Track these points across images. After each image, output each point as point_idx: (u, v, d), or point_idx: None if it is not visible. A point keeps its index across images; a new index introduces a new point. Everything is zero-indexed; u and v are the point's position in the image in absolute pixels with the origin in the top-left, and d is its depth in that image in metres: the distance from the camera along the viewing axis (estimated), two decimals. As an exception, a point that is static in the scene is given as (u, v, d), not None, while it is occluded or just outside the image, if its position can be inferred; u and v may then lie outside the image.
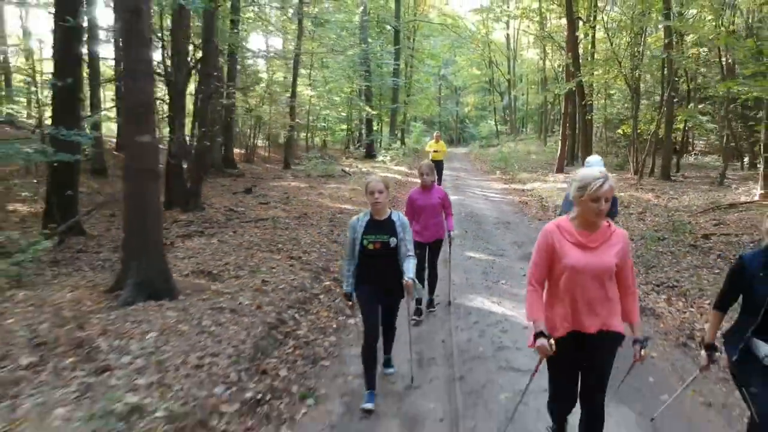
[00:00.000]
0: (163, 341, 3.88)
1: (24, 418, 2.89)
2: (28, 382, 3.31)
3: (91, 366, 3.51)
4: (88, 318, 4.14)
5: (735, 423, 3.40)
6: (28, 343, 3.75)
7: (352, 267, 3.60)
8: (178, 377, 3.48)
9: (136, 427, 2.93)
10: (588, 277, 2.58)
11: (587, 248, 2.58)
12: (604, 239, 2.60)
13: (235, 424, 3.21)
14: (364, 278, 3.59)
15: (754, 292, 2.58)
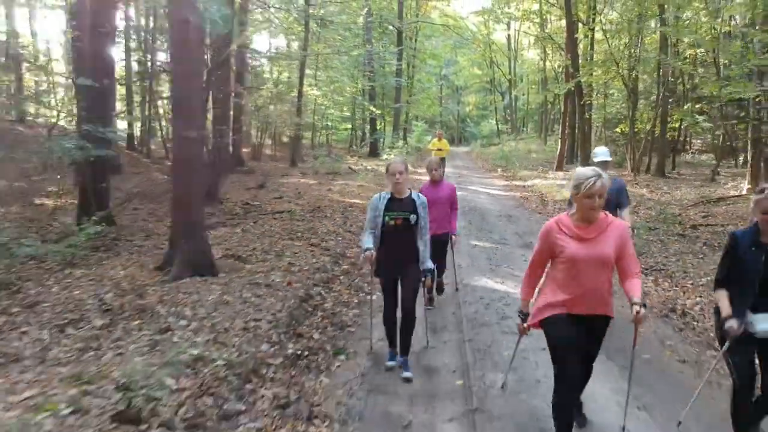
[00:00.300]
0: (212, 309, 4.49)
1: (111, 363, 3.49)
2: (105, 339, 3.93)
3: (154, 327, 4.11)
4: (144, 289, 4.75)
5: (703, 375, 3.99)
6: (98, 308, 4.37)
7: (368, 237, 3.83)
8: (229, 337, 4.08)
9: (202, 371, 3.52)
10: (586, 266, 2.80)
11: (584, 240, 2.81)
12: (601, 231, 2.82)
13: (281, 373, 3.82)
14: (385, 257, 3.84)
15: (745, 267, 2.86)
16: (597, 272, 2.81)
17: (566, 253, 2.83)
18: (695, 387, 3.66)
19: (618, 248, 2.81)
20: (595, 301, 2.87)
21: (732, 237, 2.98)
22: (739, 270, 2.91)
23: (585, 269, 2.81)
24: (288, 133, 24.96)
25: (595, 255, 2.79)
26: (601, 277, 2.84)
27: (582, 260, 2.80)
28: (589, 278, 2.81)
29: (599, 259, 2.80)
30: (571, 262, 2.83)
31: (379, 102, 30.35)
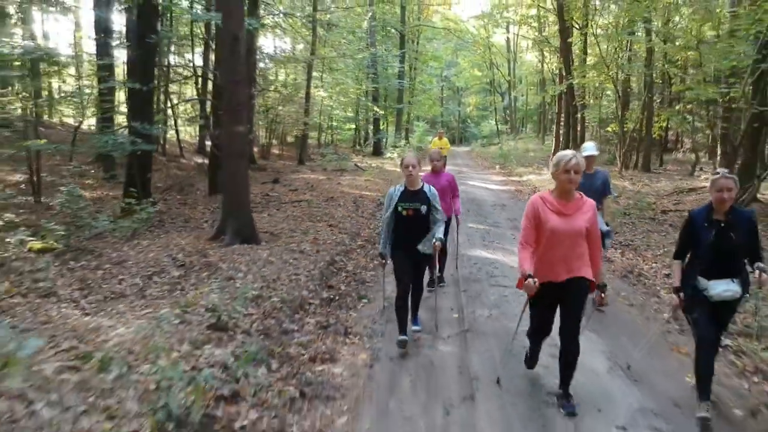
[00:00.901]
0: (261, 266, 5.68)
1: (194, 296, 4.67)
2: (184, 283, 5.11)
3: (220, 276, 5.30)
4: (206, 252, 5.95)
5: (646, 315, 5.15)
6: (173, 264, 5.56)
7: (388, 232, 4.19)
8: (278, 284, 5.26)
9: (262, 305, 4.70)
10: (564, 237, 3.18)
11: (564, 215, 3.18)
12: (578, 207, 3.21)
13: (320, 309, 5.01)
14: (398, 241, 4.19)
15: (699, 240, 3.28)
16: (573, 243, 3.21)
17: (549, 225, 3.18)
18: (638, 322, 4.86)
19: (590, 223, 3.23)
20: (574, 266, 3.22)
21: (689, 215, 3.40)
22: (695, 243, 3.33)
23: (563, 241, 3.19)
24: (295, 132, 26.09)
25: (574, 228, 3.18)
26: (576, 249, 3.22)
27: (562, 232, 3.18)
28: (566, 248, 3.20)
29: (577, 232, 3.19)
30: (552, 233, 3.18)
31: (382, 103, 31.52)
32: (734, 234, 3.22)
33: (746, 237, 3.24)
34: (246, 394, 3.35)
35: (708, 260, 3.26)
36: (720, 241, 3.23)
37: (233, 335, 4.03)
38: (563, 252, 3.21)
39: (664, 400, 3.49)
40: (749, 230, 3.26)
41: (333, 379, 3.72)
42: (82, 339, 3.56)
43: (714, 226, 3.24)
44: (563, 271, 3.23)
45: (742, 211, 3.39)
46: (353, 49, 26.24)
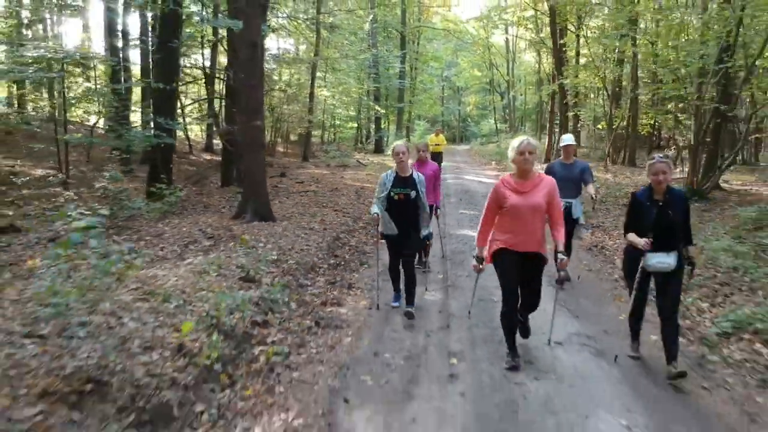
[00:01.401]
0: (278, 238, 6.69)
1: (224, 258, 5.68)
2: (215, 250, 6.12)
3: (243, 248, 6.30)
4: (230, 227, 6.97)
5: (602, 277, 6.14)
6: (203, 236, 6.58)
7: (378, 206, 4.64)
8: (292, 252, 6.27)
9: (281, 266, 5.71)
10: (524, 212, 3.56)
11: (521, 192, 3.58)
12: (534, 185, 3.58)
13: (328, 271, 6.02)
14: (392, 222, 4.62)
15: (642, 218, 3.65)
16: (532, 217, 3.59)
17: (509, 202, 3.59)
18: (592, 281, 5.84)
19: (547, 198, 3.58)
20: (531, 242, 3.63)
21: (633, 196, 3.80)
22: (638, 220, 3.71)
23: (523, 215, 3.58)
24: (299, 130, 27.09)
25: (530, 203, 3.56)
26: (536, 223, 3.60)
27: (521, 207, 3.57)
28: (527, 222, 3.59)
29: (533, 207, 3.56)
30: (512, 209, 3.59)
31: (383, 102, 32.50)
32: (671, 211, 3.59)
33: (682, 214, 3.63)
34: (273, 323, 4.37)
35: (648, 235, 3.60)
36: (660, 218, 3.59)
37: (259, 285, 5.04)
38: (523, 226, 3.60)
39: (597, 330, 4.49)
40: (684, 208, 3.65)
41: (340, 316, 4.73)
42: (145, 283, 4.58)
43: (654, 204, 3.61)
44: (524, 243, 3.63)
45: (677, 191, 3.76)
46: (355, 50, 27.22)
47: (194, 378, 3.29)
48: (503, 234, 3.71)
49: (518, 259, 3.68)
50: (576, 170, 5.67)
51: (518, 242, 3.64)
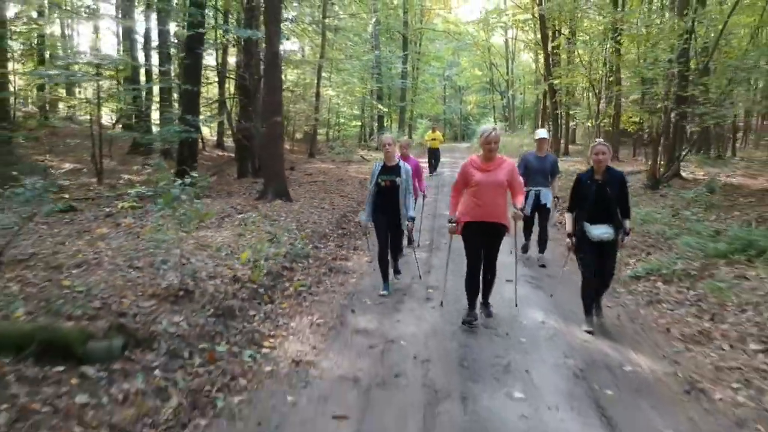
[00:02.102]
0: (295, 215, 8.14)
1: (255, 226, 7.12)
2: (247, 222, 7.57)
3: (268, 218, 7.75)
4: (256, 205, 8.43)
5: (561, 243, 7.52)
6: (234, 211, 8.02)
7: (372, 203, 5.14)
8: (308, 224, 7.71)
9: (300, 233, 7.14)
10: (487, 188, 4.16)
11: (486, 171, 4.20)
12: (497, 166, 4.21)
13: (337, 238, 7.47)
14: (379, 207, 5.14)
15: (584, 195, 4.21)
16: (495, 192, 4.19)
17: (475, 179, 4.21)
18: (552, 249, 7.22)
19: (508, 176, 4.22)
20: (493, 213, 4.20)
21: (576, 177, 4.42)
22: (581, 197, 4.27)
23: (486, 190, 4.18)
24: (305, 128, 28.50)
25: (493, 180, 4.18)
26: (498, 197, 4.20)
27: (484, 184, 4.18)
28: (490, 196, 4.18)
29: (495, 183, 4.18)
30: (477, 185, 4.20)
31: (386, 101, 33.89)
32: (609, 189, 4.13)
33: (618, 191, 4.18)
34: (297, 269, 5.81)
35: (591, 210, 4.15)
36: (599, 194, 4.13)
37: (284, 244, 6.48)
38: (487, 199, 4.19)
39: (542, 274, 5.90)
40: (621, 187, 4.19)
41: (347, 266, 6.18)
42: (199, 240, 6.03)
43: (594, 183, 4.17)
44: (487, 215, 4.22)
45: (615, 171, 4.29)
46: (359, 51, 28.62)
47: (247, 295, 4.74)
48: (471, 208, 4.27)
49: (482, 230, 4.26)
50: (548, 162, 6.35)
51: (483, 213, 4.22)
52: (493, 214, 4.22)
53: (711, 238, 6.33)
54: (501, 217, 4.25)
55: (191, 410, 3.00)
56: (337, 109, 31.01)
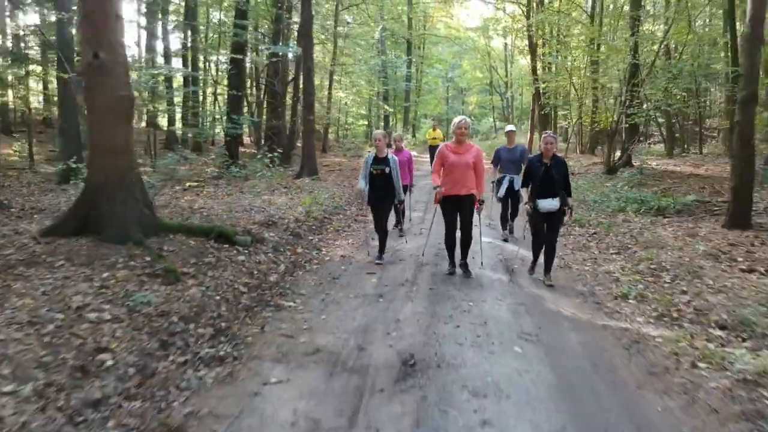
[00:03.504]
0: (326, 188, 10.90)
1: (299, 194, 9.89)
2: (291, 193, 10.34)
3: (305, 191, 10.52)
4: (295, 182, 11.21)
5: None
6: (280, 186, 10.82)
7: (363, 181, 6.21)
8: (336, 194, 10.47)
9: (325, 206, 9.88)
10: (459, 167, 5.30)
11: (458, 153, 5.35)
12: (466, 150, 5.38)
13: (357, 204, 10.21)
14: (371, 191, 6.17)
15: (533, 175, 5.31)
16: (464, 171, 5.35)
17: (449, 161, 5.38)
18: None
19: (475, 159, 5.39)
20: (463, 187, 5.34)
21: (529, 160, 5.60)
22: (532, 177, 5.33)
23: (458, 169, 5.35)
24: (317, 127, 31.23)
25: (463, 161, 5.36)
26: (466, 174, 5.35)
27: (456, 164, 5.35)
28: (461, 174, 5.35)
29: (465, 164, 5.35)
30: (451, 165, 5.37)
31: (391, 102, 36.58)
32: (554, 171, 5.22)
33: (561, 173, 5.28)
34: (333, 219, 8.56)
35: (539, 186, 5.22)
36: (545, 174, 5.21)
37: (323, 204, 9.24)
38: (458, 176, 5.34)
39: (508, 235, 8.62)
40: (563, 169, 5.30)
41: (366, 219, 8.91)
42: (264, 201, 8.79)
43: (543, 165, 5.25)
44: (460, 188, 5.35)
45: (560, 158, 5.42)
46: (367, 56, 31.34)
47: (306, 228, 7.52)
48: (446, 184, 5.39)
49: (455, 201, 5.40)
50: (517, 152, 7.40)
51: (455, 187, 5.37)
52: (463, 188, 5.41)
53: (619, 200, 9.05)
54: (469, 190, 5.43)
55: (293, 269, 5.77)
56: (347, 110, 33.73)
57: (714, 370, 3.40)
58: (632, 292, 4.94)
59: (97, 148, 4.90)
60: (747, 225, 6.80)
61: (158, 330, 3.80)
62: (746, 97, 6.63)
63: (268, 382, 3.29)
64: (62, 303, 3.82)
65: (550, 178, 5.23)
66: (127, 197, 4.95)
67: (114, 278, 4.33)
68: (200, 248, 5.41)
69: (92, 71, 4.71)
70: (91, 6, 4.70)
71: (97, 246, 4.76)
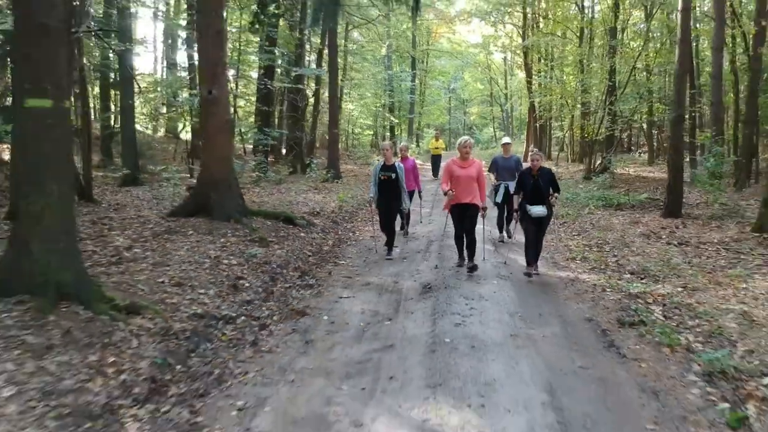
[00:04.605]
0: (349, 189, 13.11)
1: (329, 193, 12.10)
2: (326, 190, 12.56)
3: (334, 191, 12.73)
4: (323, 187, 13.45)
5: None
6: (310, 188, 13.04)
7: (374, 188, 7.04)
8: (357, 194, 12.67)
9: (348, 205, 12.07)
10: (463, 179, 6.10)
11: (462, 167, 6.18)
12: (470, 165, 6.22)
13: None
14: (380, 195, 7.03)
15: (524, 186, 6.10)
16: (469, 183, 6.17)
17: (455, 174, 6.20)
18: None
19: (477, 173, 6.24)
20: (468, 197, 6.15)
21: (520, 173, 6.44)
22: (524, 187, 6.15)
23: (463, 181, 6.17)
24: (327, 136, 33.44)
25: (467, 174, 6.18)
26: (470, 186, 6.18)
27: (462, 177, 6.18)
28: (466, 185, 6.16)
29: (469, 176, 6.18)
30: (457, 178, 6.18)
31: (396, 113, 38.88)
32: (541, 182, 6.06)
33: (548, 182, 6.10)
34: (359, 213, 10.76)
35: (530, 195, 6.05)
36: (535, 185, 6.06)
37: (351, 200, 11.43)
38: (463, 187, 6.17)
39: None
40: (550, 179, 6.14)
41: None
42: (304, 198, 10.99)
43: (532, 177, 6.12)
44: (465, 197, 6.18)
45: (546, 169, 6.20)
46: (374, 71, 33.65)
47: (341, 218, 9.71)
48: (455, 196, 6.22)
49: (461, 208, 6.26)
50: (512, 161, 8.17)
51: (461, 197, 6.20)
52: (467, 197, 6.26)
53: (587, 198, 11.23)
54: (473, 199, 6.27)
55: (338, 243, 7.97)
56: (354, 120, 36.01)
57: (614, 292, 5.55)
58: (579, 256, 7.11)
59: (209, 156, 7.11)
60: (678, 214, 8.96)
61: (266, 271, 6.00)
62: (675, 119, 8.83)
63: (342, 297, 5.46)
64: (204, 254, 6.02)
65: (538, 189, 6.08)
66: (228, 190, 7.15)
67: (228, 242, 6.54)
68: (275, 226, 7.62)
69: (207, 102, 6.93)
70: (208, 58, 6.92)
71: (210, 222, 6.96)
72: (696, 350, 4.02)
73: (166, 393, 3.40)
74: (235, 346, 4.17)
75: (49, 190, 3.96)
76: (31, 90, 3.90)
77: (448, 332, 4.43)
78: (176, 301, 4.67)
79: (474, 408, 3.20)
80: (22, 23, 3.98)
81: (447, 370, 3.73)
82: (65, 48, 4.22)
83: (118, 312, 4.06)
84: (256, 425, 3.06)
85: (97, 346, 3.63)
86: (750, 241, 7.14)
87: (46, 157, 3.96)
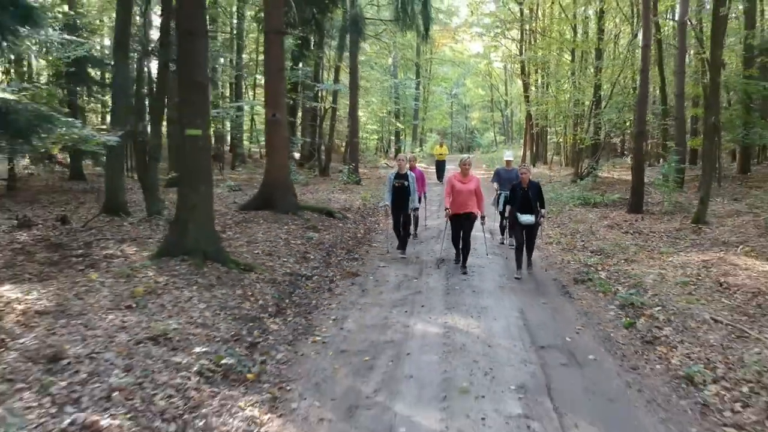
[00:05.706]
0: (369, 189, 15.29)
1: (353, 193, 14.28)
2: (348, 193, 14.75)
3: (356, 191, 14.90)
4: (345, 188, 15.65)
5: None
6: (336, 188, 15.24)
7: (388, 195, 7.93)
8: (375, 194, 14.85)
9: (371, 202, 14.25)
10: (463, 193, 7.12)
11: (463, 182, 7.22)
12: (469, 180, 7.23)
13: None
14: (394, 201, 7.92)
15: (516, 196, 7.05)
16: (468, 196, 7.16)
17: (456, 188, 7.19)
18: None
19: (475, 187, 7.21)
20: (466, 207, 7.16)
21: (513, 186, 7.26)
22: (515, 197, 7.10)
23: (463, 194, 7.16)
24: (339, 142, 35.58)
25: (467, 188, 7.19)
26: (469, 199, 7.15)
27: (462, 191, 7.18)
28: (465, 198, 7.16)
29: (468, 190, 7.18)
30: (458, 191, 7.17)
31: (402, 119, 41.07)
32: (531, 193, 7.03)
33: (536, 194, 7.06)
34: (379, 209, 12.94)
35: (520, 204, 7.04)
36: (524, 196, 7.03)
37: (371, 199, 13.61)
38: (463, 200, 7.18)
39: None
40: (537, 191, 7.08)
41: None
42: (332, 197, 13.18)
43: (522, 189, 7.08)
44: (464, 208, 7.21)
45: (534, 182, 7.22)
46: (381, 79, 35.85)
47: (365, 213, 11.89)
48: (454, 205, 7.22)
49: (459, 218, 7.27)
50: (513, 173, 8.76)
51: (460, 207, 7.23)
52: (466, 208, 7.25)
53: (568, 197, 13.39)
54: (471, 209, 7.26)
55: (368, 232, 10.15)
56: (363, 126, 38.16)
57: (576, 263, 7.73)
58: (555, 241, 9.28)
59: (272, 164, 9.32)
60: (640, 211, 11.12)
61: (322, 248, 8.19)
62: (637, 134, 11.01)
63: (380, 266, 7.64)
64: (276, 236, 8.21)
65: (527, 200, 7.01)
66: (286, 190, 9.34)
67: (290, 228, 8.72)
68: (320, 218, 9.81)
69: (272, 123, 9.12)
70: (273, 87, 9.12)
71: (275, 214, 9.14)
72: (619, 293, 6.20)
73: (286, 312, 5.58)
74: (317, 291, 6.35)
75: (200, 190, 6.14)
76: (189, 123, 6.08)
77: (457, 284, 6.63)
78: (272, 264, 6.86)
79: (474, 318, 5.39)
80: (184, 79, 6.16)
81: (456, 302, 5.92)
82: (208, 95, 6.40)
83: (241, 270, 6.24)
84: (345, 327, 5.23)
85: (238, 286, 5.82)
86: (687, 230, 9.30)
87: (198, 168, 6.14)
